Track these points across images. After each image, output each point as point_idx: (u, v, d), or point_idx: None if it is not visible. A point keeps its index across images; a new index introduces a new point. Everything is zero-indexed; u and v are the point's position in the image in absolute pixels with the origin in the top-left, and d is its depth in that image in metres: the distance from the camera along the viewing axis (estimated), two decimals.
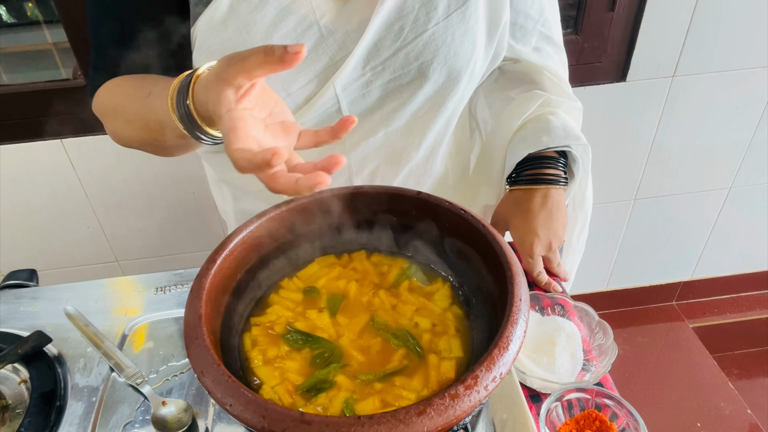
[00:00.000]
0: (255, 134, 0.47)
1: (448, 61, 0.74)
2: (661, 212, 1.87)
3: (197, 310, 0.50)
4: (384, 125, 0.79)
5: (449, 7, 0.72)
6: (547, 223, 0.83)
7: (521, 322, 0.48)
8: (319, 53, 0.71)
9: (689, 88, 1.56)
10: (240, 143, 0.45)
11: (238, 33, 0.68)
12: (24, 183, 1.47)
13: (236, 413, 0.43)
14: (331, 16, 0.70)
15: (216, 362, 0.45)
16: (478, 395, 0.43)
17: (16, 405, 0.66)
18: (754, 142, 1.72)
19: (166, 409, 0.62)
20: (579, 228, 0.96)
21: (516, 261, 0.54)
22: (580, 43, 1.46)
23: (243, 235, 0.59)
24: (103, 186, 1.50)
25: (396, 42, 0.72)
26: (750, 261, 2.10)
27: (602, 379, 0.69)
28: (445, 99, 0.78)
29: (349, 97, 0.75)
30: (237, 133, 0.45)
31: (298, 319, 0.59)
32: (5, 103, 1.35)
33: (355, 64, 0.72)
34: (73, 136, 1.40)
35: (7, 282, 0.83)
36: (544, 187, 0.84)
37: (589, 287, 2.11)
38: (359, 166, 0.83)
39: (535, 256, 0.84)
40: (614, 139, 1.65)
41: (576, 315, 0.76)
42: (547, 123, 0.85)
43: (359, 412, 0.50)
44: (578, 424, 0.62)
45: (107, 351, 0.69)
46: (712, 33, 1.46)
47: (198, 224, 1.62)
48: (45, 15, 1.39)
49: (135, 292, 0.80)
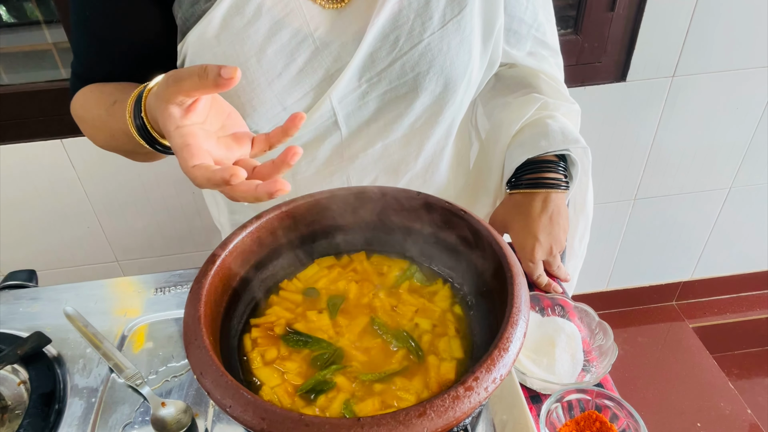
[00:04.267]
0: (208, 148, 0.47)
1: (444, 71, 0.73)
2: (661, 212, 1.87)
3: (197, 310, 0.50)
4: (382, 137, 0.78)
5: (444, 16, 0.71)
6: (548, 227, 0.83)
7: (521, 323, 0.48)
8: (315, 66, 0.70)
9: (689, 88, 1.56)
10: (195, 160, 0.45)
11: (232, 47, 0.67)
12: (24, 183, 1.47)
13: (236, 414, 0.43)
14: (326, 29, 0.69)
15: (215, 363, 0.45)
16: (478, 396, 0.43)
17: (15, 406, 0.66)
18: (754, 142, 1.72)
19: (165, 410, 0.62)
20: (581, 231, 0.96)
21: (516, 262, 0.54)
22: (580, 43, 1.46)
23: (243, 235, 0.59)
24: (103, 186, 1.50)
25: (392, 53, 0.71)
26: (750, 261, 2.10)
27: (602, 380, 0.69)
28: (442, 109, 0.77)
29: (345, 110, 0.74)
30: (190, 150, 0.45)
31: (298, 320, 0.59)
32: (5, 103, 1.35)
33: (350, 76, 0.71)
34: (73, 136, 1.40)
35: (7, 282, 0.83)
36: (544, 191, 0.84)
37: (589, 287, 2.11)
38: (358, 178, 0.82)
39: (536, 260, 0.83)
40: (614, 139, 1.65)
41: (576, 316, 0.76)
42: (545, 127, 0.85)
43: (359, 414, 0.50)
44: (578, 425, 0.61)
45: (107, 352, 0.69)
46: (712, 33, 1.46)
47: (198, 224, 1.62)
48: (45, 15, 1.39)
49: (135, 293, 0.80)
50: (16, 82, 1.40)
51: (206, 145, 0.47)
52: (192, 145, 0.46)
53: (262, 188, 0.44)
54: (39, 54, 1.44)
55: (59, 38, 1.40)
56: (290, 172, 0.81)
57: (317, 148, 0.78)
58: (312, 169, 0.80)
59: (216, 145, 0.50)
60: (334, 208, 0.64)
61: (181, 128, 0.47)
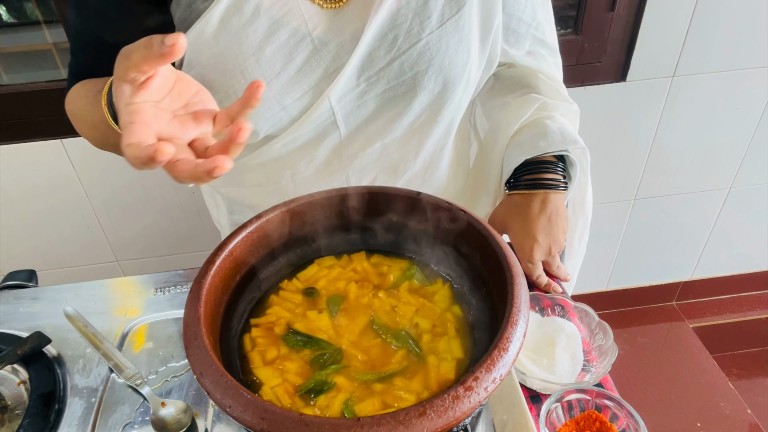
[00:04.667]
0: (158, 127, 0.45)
1: (443, 70, 0.73)
2: (661, 212, 1.87)
3: (197, 310, 0.50)
4: (381, 136, 0.78)
5: (443, 15, 0.71)
6: (547, 228, 0.83)
7: (521, 323, 0.48)
8: (313, 65, 0.70)
9: (689, 88, 1.56)
10: (132, 138, 0.42)
11: (230, 47, 0.67)
12: (24, 183, 1.47)
13: (235, 414, 0.43)
14: (324, 28, 0.69)
15: (215, 363, 0.45)
16: (478, 396, 0.43)
17: (15, 406, 0.66)
18: (754, 142, 1.72)
19: (165, 410, 0.62)
20: (580, 231, 0.96)
21: (516, 262, 0.54)
22: (580, 43, 1.46)
23: (242, 236, 0.59)
24: (103, 186, 1.50)
25: (390, 52, 0.71)
26: (750, 261, 2.10)
27: (602, 380, 0.69)
28: (441, 108, 0.77)
29: (344, 109, 0.74)
30: (132, 128, 0.43)
31: (298, 320, 0.59)
32: (5, 103, 1.35)
33: (349, 75, 0.71)
34: (73, 136, 1.40)
35: (7, 282, 0.83)
36: (543, 192, 0.84)
37: (589, 287, 2.11)
38: (358, 178, 0.82)
39: (535, 261, 0.83)
40: (614, 139, 1.65)
41: (576, 315, 0.76)
42: (543, 128, 0.85)
43: (359, 414, 0.50)
44: (578, 425, 0.61)
45: (107, 352, 0.69)
46: (712, 33, 1.46)
47: (198, 224, 1.62)
48: (45, 15, 1.39)
49: (134, 293, 0.80)
50: (16, 82, 1.40)
51: (155, 124, 0.45)
52: (136, 123, 0.43)
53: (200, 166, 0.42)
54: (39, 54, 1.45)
55: (59, 38, 1.40)
56: (289, 172, 0.81)
57: (316, 148, 0.78)
58: (311, 169, 0.80)
59: (168, 123, 0.47)
60: (333, 208, 0.64)
61: (129, 105, 0.45)
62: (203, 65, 0.68)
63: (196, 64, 0.68)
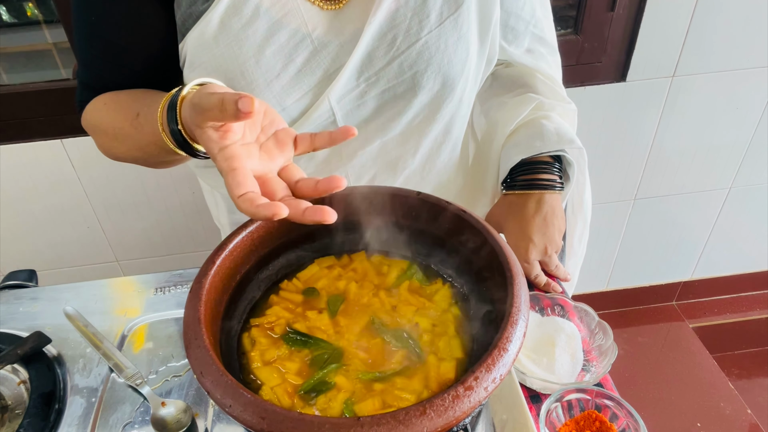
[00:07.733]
0: (252, 166, 0.48)
1: (442, 69, 0.73)
2: (661, 212, 1.87)
3: (197, 310, 0.50)
4: (380, 134, 0.79)
5: (441, 14, 0.71)
6: (542, 228, 0.83)
7: (521, 322, 0.48)
8: (313, 66, 0.71)
9: (689, 88, 1.56)
10: (241, 189, 0.45)
11: (230, 48, 0.67)
12: (24, 183, 1.47)
13: (235, 414, 0.43)
14: (324, 29, 0.70)
15: (215, 363, 0.45)
16: (478, 396, 0.43)
17: (15, 406, 0.66)
18: (754, 142, 1.72)
19: (165, 410, 0.62)
20: (579, 230, 0.96)
21: (516, 262, 0.54)
22: (580, 43, 1.46)
23: (242, 235, 0.59)
24: (103, 186, 1.50)
25: (389, 52, 0.71)
26: (750, 261, 2.10)
27: (602, 380, 0.69)
28: (440, 107, 0.77)
29: (344, 109, 0.74)
30: (235, 177, 0.45)
31: (298, 320, 0.59)
32: (5, 103, 1.35)
33: (349, 75, 0.71)
34: (73, 136, 1.40)
35: (7, 282, 0.83)
36: (538, 192, 0.84)
37: (589, 287, 2.11)
38: (357, 176, 0.82)
39: (531, 261, 0.84)
40: (614, 139, 1.65)
41: (576, 315, 0.76)
42: (540, 128, 0.85)
43: (359, 413, 0.50)
44: (578, 425, 0.61)
45: (107, 351, 0.69)
46: (712, 33, 1.46)
47: (198, 224, 1.62)
48: (45, 15, 1.39)
49: (135, 293, 0.80)
50: (16, 82, 1.40)
51: (250, 164, 0.48)
52: (237, 170, 0.46)
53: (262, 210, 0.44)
54: (39, 54, 1.45)
55: (59, 38, 1.40)
56: None
57: None
58: (311, 167, 0.81)
59: (259, 160, 0.50)
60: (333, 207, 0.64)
61: (224, 150, 0.47)
62: (204, 66, 0.68)
63: (198, 65, 0.68)
